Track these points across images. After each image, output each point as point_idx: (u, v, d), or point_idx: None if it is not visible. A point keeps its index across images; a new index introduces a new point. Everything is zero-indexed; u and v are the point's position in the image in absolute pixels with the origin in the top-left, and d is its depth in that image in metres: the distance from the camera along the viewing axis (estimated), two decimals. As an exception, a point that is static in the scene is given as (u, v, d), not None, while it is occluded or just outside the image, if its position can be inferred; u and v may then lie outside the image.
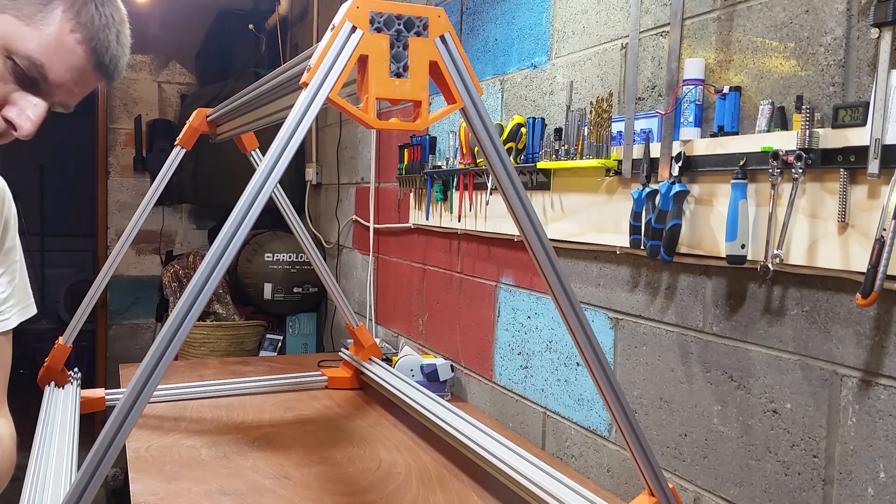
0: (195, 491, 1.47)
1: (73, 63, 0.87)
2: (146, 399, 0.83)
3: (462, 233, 2.11)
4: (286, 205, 2.12)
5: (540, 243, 1.02)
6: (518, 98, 1.87)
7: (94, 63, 0.88)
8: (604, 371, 1.05)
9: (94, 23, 0.87)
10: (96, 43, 0.87)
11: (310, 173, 3.62)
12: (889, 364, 1.02)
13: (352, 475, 1.58)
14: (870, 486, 1.04)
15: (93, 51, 0.88)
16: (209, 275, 0.85)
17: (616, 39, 1.52)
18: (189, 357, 3.32)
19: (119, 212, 4.17)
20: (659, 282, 1.41)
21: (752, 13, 1.22)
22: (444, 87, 0.98)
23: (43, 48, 0.84)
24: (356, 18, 0.92)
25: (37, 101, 0.87)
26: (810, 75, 1.12)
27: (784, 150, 1.08)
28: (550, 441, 1.75)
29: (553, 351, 1.73)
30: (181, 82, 4.27)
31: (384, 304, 2.78)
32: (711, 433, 1.30)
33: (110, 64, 0.90)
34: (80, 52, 0.87)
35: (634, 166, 1.40)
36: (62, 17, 0.85)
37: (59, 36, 0.85)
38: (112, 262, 1.94)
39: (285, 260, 3.49)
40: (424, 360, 2.12)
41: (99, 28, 0.87)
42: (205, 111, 1.92)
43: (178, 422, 1.89)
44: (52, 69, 0.86)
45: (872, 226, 0.99)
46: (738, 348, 1.25)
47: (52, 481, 1.36)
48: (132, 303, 4.22)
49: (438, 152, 2.24)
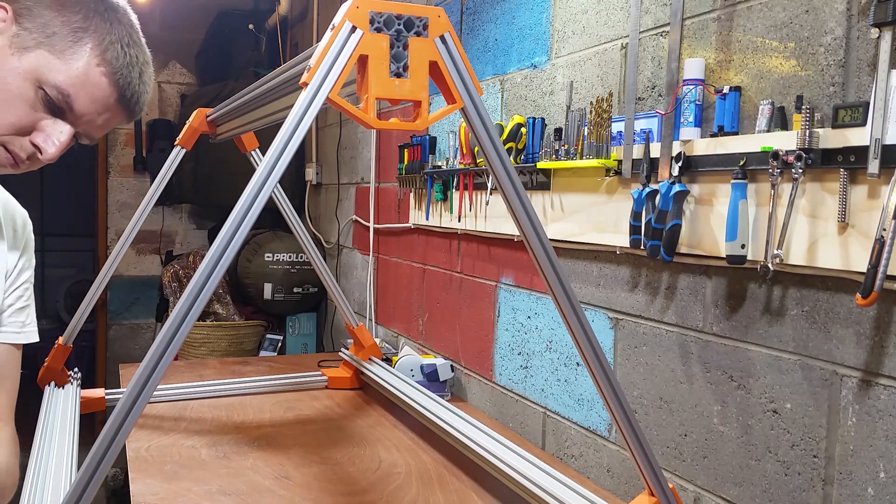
0: (195, 491, 1.47)
1: (98, 95, 0.95)
2: (146, 399, 0.83)
3: (462, 233, 2.11)
4: (286, 205, 2.12)
5: (540, 243, 1.02)
6: (518, 98, 1.87)
7: (116, 96, 0.97)
8: (604, 371, 1.05)
9: (119, 60, 0.96)
10: (120, 78, 0.96)
11: (310, 173, 3.62)
12: (889, 364, 1.02)
13: (352, 475, 1.58)
14: (870, 486, 1.04)
15: (116, 85, 0.96)
16: (209, 275, 0.85)
17: (616, 39, 1.52)
18: (189, 357, 3.32)
19: (119, 212, 4.17)
20: (659, 282, 1.41)
21: (752, 13, 1.22)
22: (444, 87, 0.98)
23: (71, 80, 0.93)
24: (356, 18, 0.91)
25: (63, 128, 0.95)
26: (810, 75, 1.12)
27: (784, 150, 1.08)
28: (550, 441, 1.75)
29: (553, 351, 1.73)
30: (181, 82, 4.28)
31: (384, 304, 2.78)
32: (711, 433, 1.30)
33: (132, 98, 0.99)
34: (105, 86, 0.95)
35: (634, 166, 1.40)
36: (90, 53, 0.94)
37: (86, 70, 0.93)
38: (112, 262, 1.94)
39: (285, 260, 3.49)
40: (424, 360, 2.12)
41: (123, 65, 0.96)
42: (205, 111, 1.92)
43: (178, 422, 1.89)
44: (78, 100, 0.94)
45: (872, 226, 0.99)
46: (738, 348, 1.25)
47: (52, 481, 1.36)
48: (132, 303, 4.22)
49: (438, 152, 2.24)
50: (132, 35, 0.98)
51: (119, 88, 0.96)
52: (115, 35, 0.95)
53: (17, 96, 0.92)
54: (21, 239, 1.12)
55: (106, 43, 0.94)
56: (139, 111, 1.02)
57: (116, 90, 0.96)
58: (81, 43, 0.93)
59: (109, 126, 1.00)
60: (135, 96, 0.99)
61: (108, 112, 0.97)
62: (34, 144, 0.94)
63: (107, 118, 0.98)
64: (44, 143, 0.94)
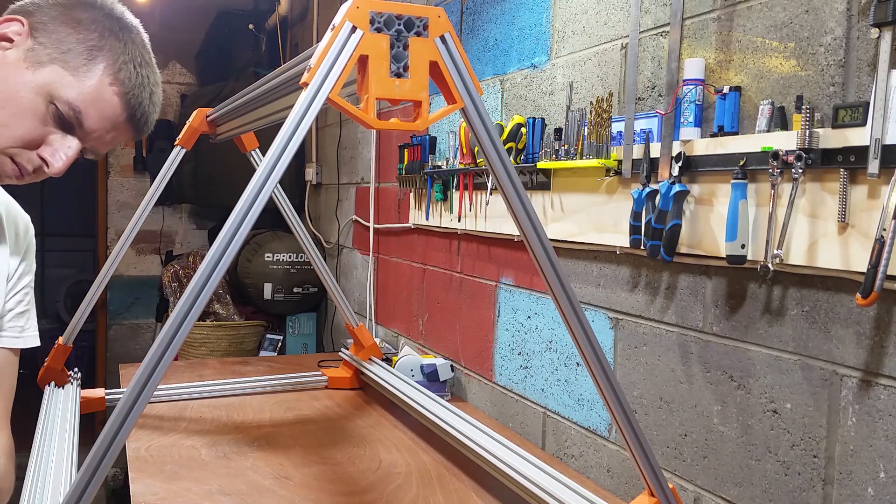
0: (195, 491, 1.47)
1: (108, 113, 0.97)
2: (146, 399, 0.83)
3: (462, 233, 2.11)
4: (286, 205, 2.12)
5: (540, 243, 1.02)
6: (518, 98, 1.87)
7: (126, 115, 0.99)
8: (604, 371, 1.05)
9: (131, 80, 0.97)
10: (131, 98, 0.98)
11: (310, 173, 3.62)
12: (889, 364, 1.02)
13: (352, 475, 1.58)
14: (870, 486, 1.04)
15: (127, 104, 0.98)
16: (209, 275, 0.85)
17: (616, 39, 1.52)
18: (189, 357, 3.32)
19: (119, 212, 4.17)
20: (659, 282, 1.41)
21: (752, 13, 1.22)
22: (444, 87, 0.98)
23: (83, 97, 0.94)
24: (356, 18, 0.91)
25: (71, 143, 0.97)
26: (810, 75, 1.12)
27: (784, 150, 1.08)
28: (550, 441, 1.75)
29: (553, 351, 1.73)
30: (181, 82, 4.28)
31: (384, 304, 2.78)
32: (711, 433, 1.30)
33: (141, 118, 1.01)
34: (116, 104, 0.97)
35: (634, 166, 1.40)
36: (104, 71, 0.96)
37: (98, 88, 0.95)
38: (112, 262, 1.94)
39: (285, 260, 3.49)
40: (424, 360, 2.12)
41: (135, 85, 0.98)
42: (205, 111, 1.92)
43: (178, 422, 1.89)
44: (89, 117, 0.95)
45: (872, 226, 0.99)
46: (738, 348, 1.25)
47: (52, 481, 1.36)
48: (132, 303, 4.22)
49: (438, 152, 2.24)
50: (144, 55, 1.00)
51: (129, 108, 0.98)
52: (128, 55, 0.97)
53: (29, 110, 0.93)
54: (23, 244, 1.13)
55: (119, 62, 0.96)
56: (147, 130, 1.03)
57: (127, 109, 0.98)
58: (95, 61, 0.95)
59: (116, 143, 1.02)
60: (144, 116, 1.01)
61: (116, 130, 0.99)
62: (41, 158, 0.95)
63: (115, 136, 1.00)
64: (51, 157, 0.95)
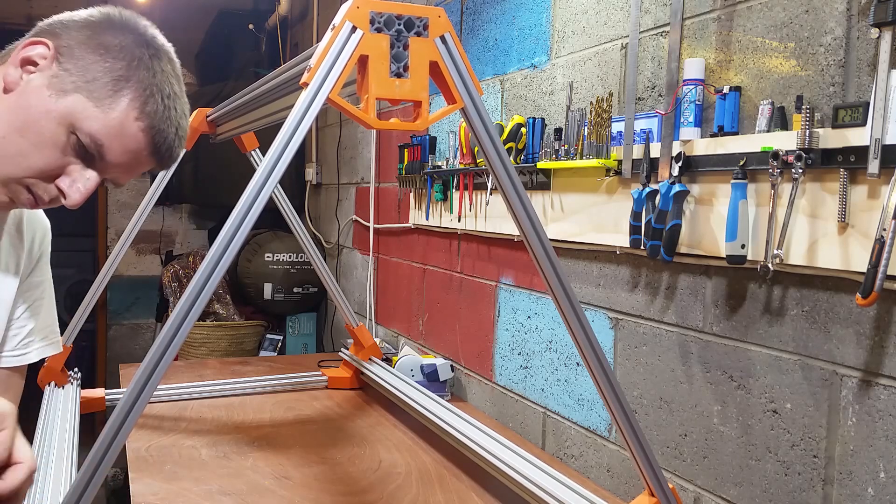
0: (195, 491, 1.47)
1: (131, 147, 0.92)
2: (146, 399, 0.83)
3: (462, 233, 2.11)
4: (286, 205, 2.12)
5: (540, 243, 1.02)
6: (518, 98, 1.87)
7: (150, 150, 0.94)
8: (604, 371, 1.05)
9: (157, 114, 0.92)
10: (156, 132, 0.93)
11: (310, 173, 3.62)
12: (889, 364, 1.02)
13: (352, 475, 1.58)
14: (870, 486, 1.04)
15: (152, 139, 0.93)
16: (209, 275, 0.85)
17: (616, 39, 1.52)
18: (189, 357, 3.32)
19: (119, 212, 4.17)
20: (659, 282, 1.41)
21: (752, 13, 1.22)
22: (444, 87, 0.98)
23: (106, 130, 0.90)
24: (356, 18, 0.92)
25: (90, 175, 0.92)
26: (810, 75, 1.12)
27: (784, 150, 1.08)
28: (550, 441, 1.75)
29: (553, 351, 1.73)
30: (181, 82, 4.27)
31: (384, 304, 2.78)
32: (711, 433, 1.30)
33: (165, 153, 0.96)
34: (140, 139, 0.92)
35: (634, 166, 1.40)
36: (129, 104, 0.90)
37: (123, 121, 0.90)
38: (112, 262, 1.94)
39: (285, 260, 3.49)
40: (424, 360, 2.12)
41: (161, 119, 0.93)
42: (205, 111, 1.92)
43: (178, 422, 1.89)
44: (111, 150, 0.91)
45: (872, 226, 0.99)
46: (738, 348, 1.25)
47: (52, 481, 1.36)
48: (132, 303, 4.22)
49: (438, 152, 2.24)
50: (174, 84, 0.95)
51: (154, 143, 0.93)
52: (156, 86, 0.92)
53: (49, 140, 0.89)
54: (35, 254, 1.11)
55: (146, 95, 0.91)
56: (171, 164, 0.99)
57: (151, 144, 0.93)
58: (121, 93, 0.90)
59: (138, 174, 0.97)
60: (169, 150, 0.96)
61: (139, 163, 0.95)
62: (59, 189, 0.92)
63: (137, 168, 0.95)
64: (69, 188, 0.91)
